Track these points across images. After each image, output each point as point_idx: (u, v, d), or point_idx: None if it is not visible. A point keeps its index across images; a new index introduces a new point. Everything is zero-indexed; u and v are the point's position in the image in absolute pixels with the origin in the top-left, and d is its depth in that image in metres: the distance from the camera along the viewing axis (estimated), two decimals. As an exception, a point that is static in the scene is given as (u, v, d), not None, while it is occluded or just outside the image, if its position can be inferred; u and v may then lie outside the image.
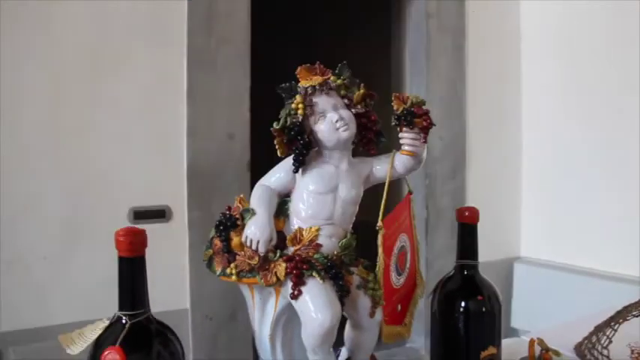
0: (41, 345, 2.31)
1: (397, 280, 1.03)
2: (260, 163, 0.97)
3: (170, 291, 2.52)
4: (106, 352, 0.82)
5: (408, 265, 1.06)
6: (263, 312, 0.94)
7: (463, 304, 1.14)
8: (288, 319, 0.95)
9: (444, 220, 3.21)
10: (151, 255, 0.87)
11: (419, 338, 3.22)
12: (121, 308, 0.86)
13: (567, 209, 3.24)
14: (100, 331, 0.86)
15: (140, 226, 2.40)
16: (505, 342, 1.20)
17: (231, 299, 2.51)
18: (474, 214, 1.14)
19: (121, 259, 0.86)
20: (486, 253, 1.16)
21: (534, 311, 3.17)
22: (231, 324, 2.59)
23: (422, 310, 1.18)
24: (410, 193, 1.08)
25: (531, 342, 1.46)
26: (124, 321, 0.85)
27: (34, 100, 2.28)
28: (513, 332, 3.05)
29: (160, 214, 2.51)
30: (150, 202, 2.50)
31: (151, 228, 2.39)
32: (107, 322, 0.87)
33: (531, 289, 3.31)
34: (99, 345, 0.85)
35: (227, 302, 2.55)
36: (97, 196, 2.39)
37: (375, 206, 0.96)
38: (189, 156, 2.54)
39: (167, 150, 2.54)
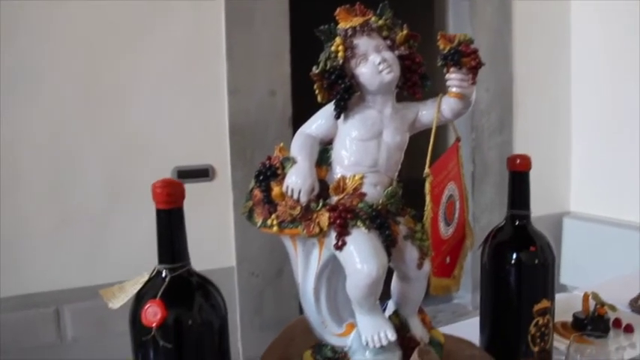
0: (92, 303, 2.35)
1: (446, 231, 0.99)
2: (302, 119, 0.93)
3: (216, 249, 2.53)
4: (147, 306, 0.80)
5: (456, 216, 1.02)
6: (306, 264, 0.91)
7: (515, 255, 1.09)
8: (332, 272, 0.92)
9: (490, 174, 3.14)
10: (196, 214, 0.85)
11: (466, 294, 3.19)
12: (160, 262, 0.84)
13: (618, 163, 3.13)
14: (140, 285, 0.85)
15: (186, 186, 2.41)
16: (556, 297, 1.15)
17: (277, 256, 2.51)
18: (526, 161, 1.09)
19: (159, 212, 0.83)
20: (535, 207, 1.11)
21: (584, 267, 3.10)
22: (276, 281, 2.59)
23: (469, 265, 1.14)
24: (458, 140, 1.02)
25: (585, 296, 1.41)
26: (163, 274, 0.83)
27: (73, 63, 2.28)
28: (562, 289, 2.99)
29: (203, 173, 2.50)
30: (193, 161, 2.49)
31: (195, 187, 2.42)
32: (147, 277, 0.85)
33: (581, 244, 3.23)
34: (140, 299, 0.83)
35: (273, 259, 2.55)
36: (140, 157, 2.39)
37: (417, 162, 0.92)
38: (231, 114, 2.52)
39: (209, 109, 2.52)
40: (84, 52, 2.29)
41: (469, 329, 1.15)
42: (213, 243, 2.51)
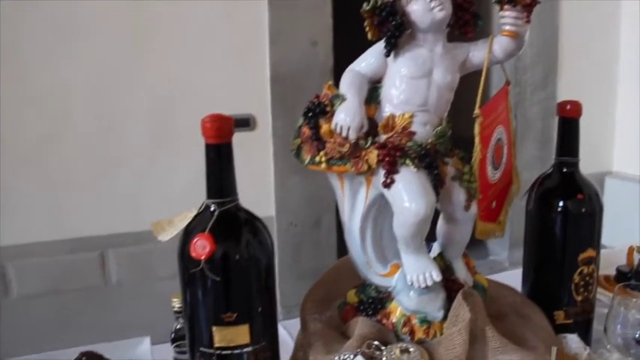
0: (136, 248, 2.40)
1: (493, 175, 0.97)
2: (343, 71, 0.91)
3: (256, 199, 2.52)
4: (196, 239, 0.81)
5: (504, 160, 1.00)
6: (353, 204, 0.91)
7: (562, 203, 1.08)
8: (379, 211, 0.92)
9: (532, 130, 3.09)
10: (236, 163, 0.86)
11: (502, 251, 3.18)
12: (209, 196, 0.85)
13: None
14: (189, 220, 0.86)
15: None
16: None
17: (316, 206, 2.52)
18: (576, 107, 1.06)
19: (208, 147, 0.84)
20: (578, 166, 1.09)
21: (625, 228, 3.04)
22: (315, 230, 2.61)
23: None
24: (507, 83, 1.01)
25: (630, 250, 1.39)
26: (212, 209, 0.83)
27: (118, 12, 2.29)
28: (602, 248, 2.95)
29: (244, 123, 2.51)
30: (234, 110, 2.49)
31: (235, 137, 2.41)
32: (196, 211, 0.86)
33: (623, 205, 3.17)
34: (188, 233, 0.84)
35: (311, 210, 2.56)
36: (182, 105, 2.40)
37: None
38: (272, 63, 2.51)
39: (250, 58, 2.51)
40: (128, 1, 2.30)
41: (507, 281, 1.15)
42: (253, 193, 2.50)
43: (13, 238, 2.29)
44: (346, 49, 1.21)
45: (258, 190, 2.56)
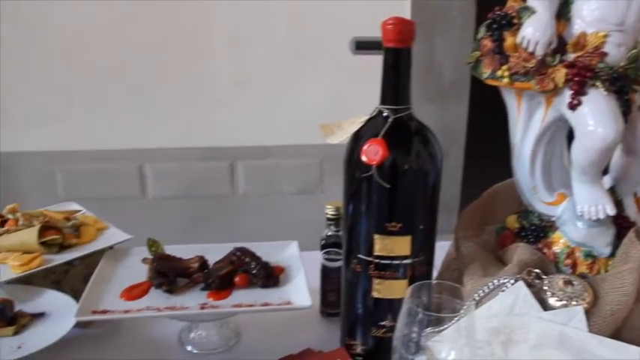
0: (264, 162, 2.44)
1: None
2: None
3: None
4: (368, 144, 0.80)
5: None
6: (527, 124, 0.87)
7: None
8: (553, 135, 0.87)
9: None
10: (370, 86, 0.83)
11: None
12: (382, 102, 0.83)
13: None
14: (359, 125, 0.84)
15: (362, 57, 2.36)
16: None
17: (445, 138, 2.45)
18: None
19: (387, 50, 0.81)
20: None
21: None
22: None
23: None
24: None
25: None
26: (385, 114, 0.81)
27: None
28: None
29: (381, 46, 2.45)
30: (373, 33, 2.44)
31: (372, 60, 2.37)
32: (366, 117, 0.85)
33: None
34: (358, 138, 0.83)
35: (440, 140, 2.50)
36: (321, 23, 2.38)
37: None
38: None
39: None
40: None
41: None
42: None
43: (151, 141, 2.39)
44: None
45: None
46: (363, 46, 2.42)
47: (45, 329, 0.90)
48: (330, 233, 1.01)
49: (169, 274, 0.94)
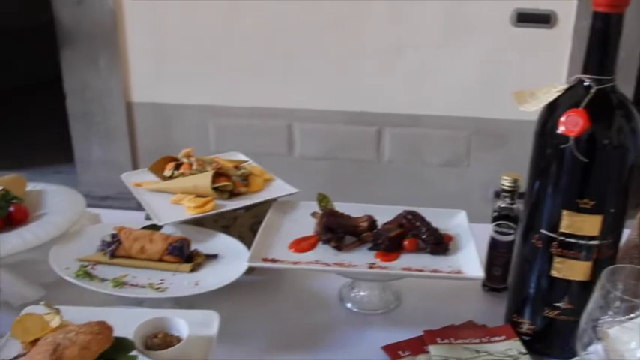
0: (411, 130, 2.42)
1: None
2: None
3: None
4: (567, 115, 0.75)
5: None
6: None
7: None
8: None
9: None
10: (530, 60, 0.77)
11: None
12: (585, 71, 0.77)
13: None
14: (554, 95, 0.80)
15: (522, 30, 2.26)
16: None
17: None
18: None
19: (596, 15, 0.75)
20: None
21: None
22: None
23: None
24: None
25: None
26: (587, 84, 0.76)
27: None
28: None
29: (544, 19, 2.34)
30: (535, 5, 2.34)
31: (532, 33, 2.28)
32: (563, 86, 0.80)
33: None
34: (554, 108, 0.78)
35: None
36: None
37: None
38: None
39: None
40: None
41: None
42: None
43: (301, 102, 2.42)
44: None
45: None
46: (524, 18, 2.33)
47: (219, 270, 0.93)
48: (503, 205, 0.97)
49: (338, 230, 0.95)
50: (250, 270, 0.91)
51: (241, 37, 2.37)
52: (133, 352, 0.72)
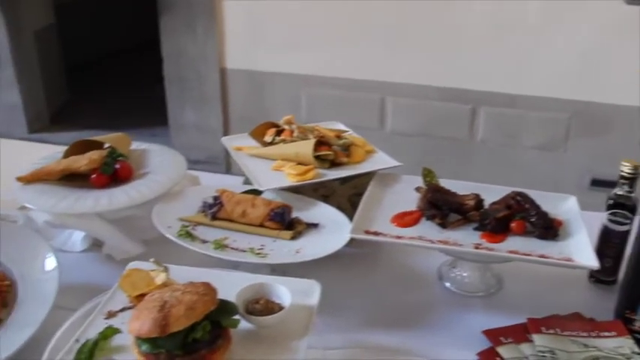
0: (507, 111, 2.34)
1: None
2: None
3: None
4: None
5: None
6: None
7: None
8: None
9: None
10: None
11: None
12: None
13: None
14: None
15: (636, 9, 2.12)
16: None
17: None
18: None
19: None
20: None
21: None
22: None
23: None
24: None
25: None
26: None
27: None
28: None
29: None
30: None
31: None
32: None
33: None
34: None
35: None
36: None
37: None
38: None
39: None
40: None
41: None
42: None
43: (395, 76, 2.38)
44: None
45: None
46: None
47: (320, 240, 0.92)
48: (620, 192, 0.92)
49: (443, 207, 0.92)
50: (350, 242, 0.90)
51: (339, 7, 2.34)
52: (235, 317, 0.71)
